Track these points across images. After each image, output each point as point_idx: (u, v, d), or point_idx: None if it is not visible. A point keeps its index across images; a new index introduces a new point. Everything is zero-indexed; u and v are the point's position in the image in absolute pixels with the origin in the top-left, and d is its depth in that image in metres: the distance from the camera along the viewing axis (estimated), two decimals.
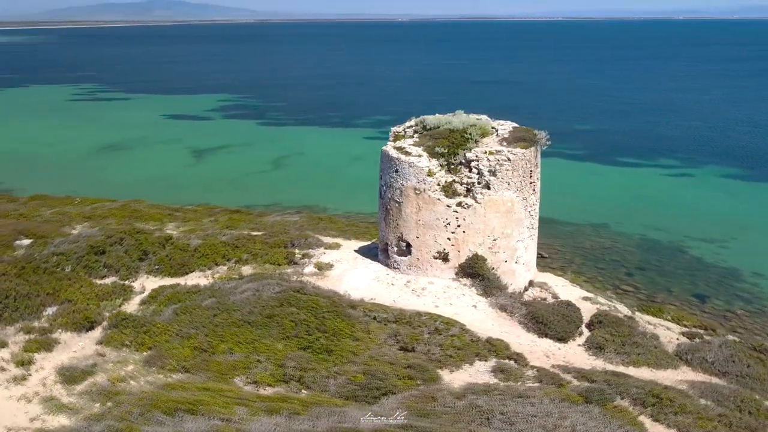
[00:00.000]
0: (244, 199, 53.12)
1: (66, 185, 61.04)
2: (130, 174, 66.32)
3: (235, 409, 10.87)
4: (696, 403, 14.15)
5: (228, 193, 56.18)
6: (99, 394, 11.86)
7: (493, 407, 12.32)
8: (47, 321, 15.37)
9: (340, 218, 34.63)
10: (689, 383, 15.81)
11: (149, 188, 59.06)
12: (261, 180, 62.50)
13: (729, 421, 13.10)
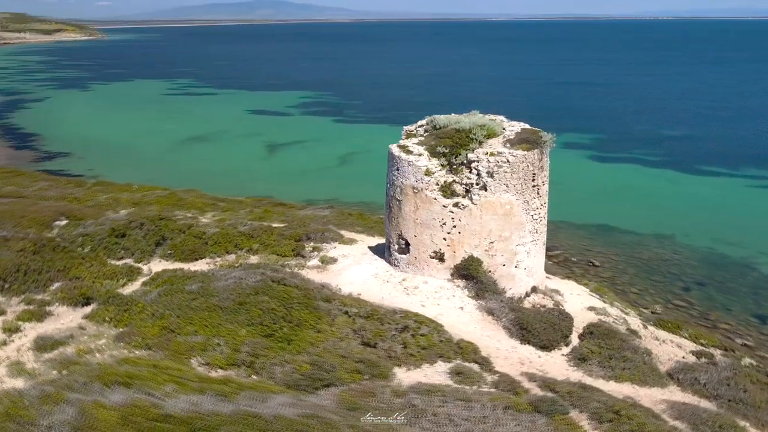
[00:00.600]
0: (306, 193, 54.76)
1: (146, 173, 65.32)
2: (207, 165, 69.98)
3: (167, 386, 11.52)
4: (661, 423, 13.39)
5: (292, 186, 58.10)
6: (61, 362, 12.92)
7: (428, 408, 12.28)
8: (50, 295, 16.81)
9: (374, 215, 34.97)
10: (669, 403, 14.95)
11: (219, 179, 62.10)
12: (325, 175, 64.12)
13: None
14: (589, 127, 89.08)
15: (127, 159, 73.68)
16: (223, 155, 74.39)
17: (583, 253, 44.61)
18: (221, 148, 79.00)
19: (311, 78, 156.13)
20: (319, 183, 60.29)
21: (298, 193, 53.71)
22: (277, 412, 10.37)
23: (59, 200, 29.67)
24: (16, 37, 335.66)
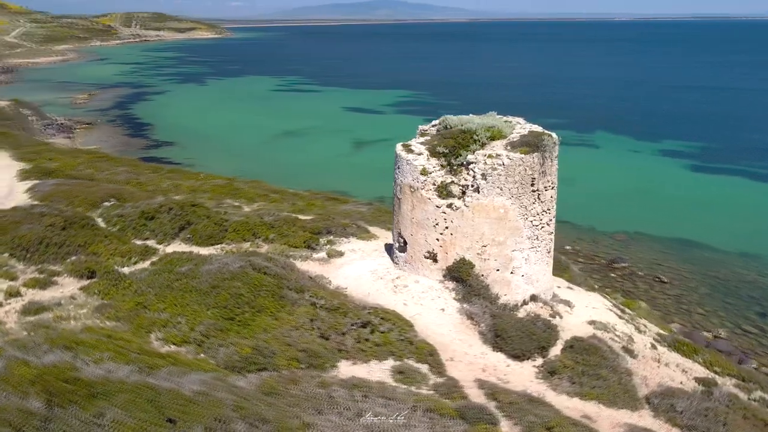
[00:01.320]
0: (376, 190, 55.62)
1: (236, 164, 69.24)
2: (293, 158, 73.00)
3: (104, 354, 12.57)
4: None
5: (364, 182, 59.31)
6: (35, 325, 14.42)
7: (343, 402, 12.47)
8: (63, 266, 18.66)
9: None
10: (630, 427, 14.06)
11: (299, 171, 64.68)
12: None
13: None
14: (695, 134, 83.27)
15: (223, 150, 78.39)
16: (309, 150, 77.11)
17: (652, 268, 42.07)
18: (309, 142, 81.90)
19: (413, 77, 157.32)
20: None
21: (367, 190, 54.80)
22: (175, 387, 11.04)
23: (123, 184, 32.42)
24: (155, 35, 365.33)
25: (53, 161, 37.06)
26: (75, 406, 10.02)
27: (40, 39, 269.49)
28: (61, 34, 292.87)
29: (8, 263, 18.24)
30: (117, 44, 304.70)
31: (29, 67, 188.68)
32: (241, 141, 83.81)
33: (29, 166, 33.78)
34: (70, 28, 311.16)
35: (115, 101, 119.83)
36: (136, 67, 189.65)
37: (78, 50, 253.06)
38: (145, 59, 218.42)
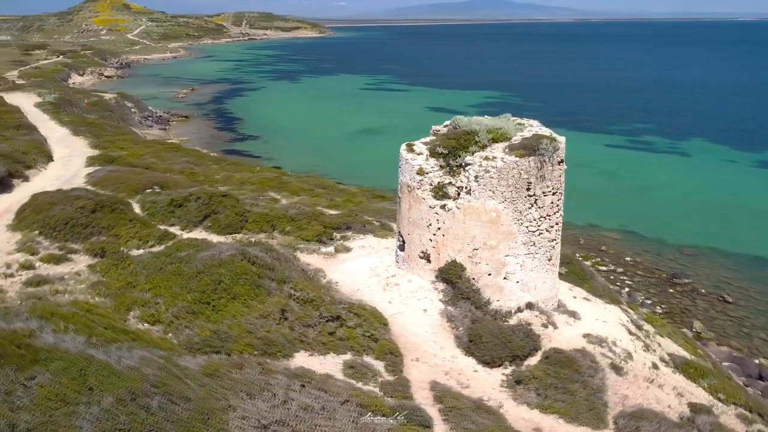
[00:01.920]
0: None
1: (311, 159, 71.21)
2: (366, 155, 74.07)
3: (71, 326, 13.72)
4: None
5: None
6: (30, 296, 15.90)
7: (278, 390, 12.86)
8: (82, 245, 20.33)
9: None
10: None
11: (367, 169, 65.52)
12: None
13: None
14: None
15: (302, 145, 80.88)
16: (383, 147, 77.82)
17: (717, 286, 39.28)
18: (385, 140, 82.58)
19: (505, 78, 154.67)
20: None
21: None
22: (109, 360, 11.89)
23: (177, 173, 34.53)
24: (262, 34, 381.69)
25: (123, 150, 40.09)
26: (14, 367, 11.08)
27: (157, 37, 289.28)
28: (176, 32, 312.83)
29: (35, 239, 20.16)
30: (226, 42, 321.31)
31: (143, 63, 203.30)
32: (321, 137, 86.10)
33: (98, 153, 36.80)
34: (185, 27, 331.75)
35: (212, 96, 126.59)
36: (238, 64, 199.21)
37: (189, 47, 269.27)
38: (248, 57, 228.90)
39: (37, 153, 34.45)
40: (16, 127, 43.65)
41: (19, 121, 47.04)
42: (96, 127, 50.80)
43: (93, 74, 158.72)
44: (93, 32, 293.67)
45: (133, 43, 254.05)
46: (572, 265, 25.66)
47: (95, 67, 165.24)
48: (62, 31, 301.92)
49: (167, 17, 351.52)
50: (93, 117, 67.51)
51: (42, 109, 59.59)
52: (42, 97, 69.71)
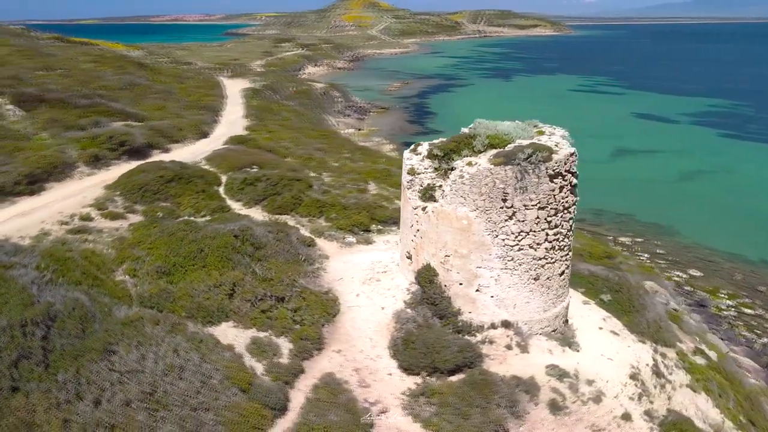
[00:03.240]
0: (607, 202, 52.05)
1: None
2: None
3: (49, 264, 16.94)
4: None
5: (608, 196, 54.84)
6: (58, 240, 19.65)
7: (160, 345, 14.50)
8: (144, 207, 24.07)
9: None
10: None
11: None
12: (659, 191, 58.36)
13: None
14: None
15: None
16: None
17: None
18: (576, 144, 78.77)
19: (745, 87, 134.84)
20: (642, 198, 55.67)
21: (599, 200, 51.53)
22: (33, 292, 14.63)
23: (296, 157, 37.93)
24: (496, 31, 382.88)
25: (269, 132, 44.99)
26: None
27: (396, 33, 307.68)
28: (414, 29, 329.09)
29: (112, 198, 24.46)
30: (458, 39, 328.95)
31: (374, 57, 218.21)
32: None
33: (240, 134, 41.95)
34: (423, 24, 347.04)
35: (419, 90, 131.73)
36: (459, 60, 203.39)
37: (421, 44, 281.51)
38: (472, 54, 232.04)
39: (192, 130, 40.60)
40: (202, 107, 51.45)
41: (209, 103, 55.24)
42: (265, 112, 57.26)
43: (326, 65, 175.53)
44: (341, 28, 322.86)
45: (371, 39, 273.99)
46: (620, 294, 22.95)
47: (329, 60, 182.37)
48: (317, 26, 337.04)
49: (409, 14, 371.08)
50: (290, 104, 75.72)
51: (243, 93, 68.63)
52: (253, 83, 79.99)
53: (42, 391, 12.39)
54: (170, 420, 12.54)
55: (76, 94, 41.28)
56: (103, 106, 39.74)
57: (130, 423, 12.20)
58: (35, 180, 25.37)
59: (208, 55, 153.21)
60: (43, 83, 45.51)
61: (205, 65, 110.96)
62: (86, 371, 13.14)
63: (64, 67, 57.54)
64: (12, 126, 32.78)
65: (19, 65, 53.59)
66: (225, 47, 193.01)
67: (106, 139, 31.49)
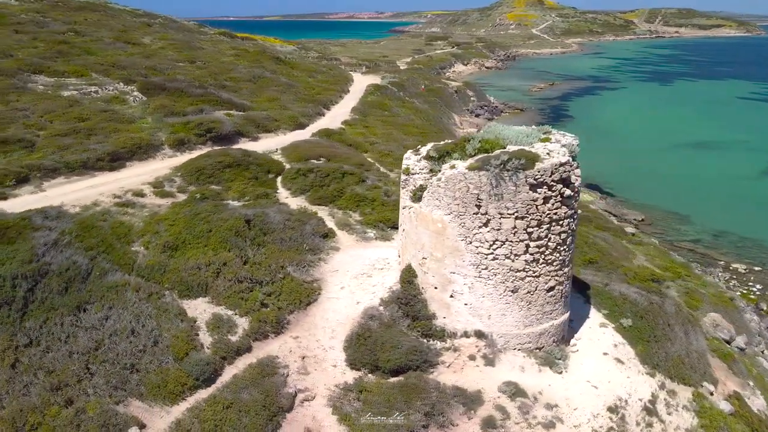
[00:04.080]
0: (753, 230, 47.38)
1: (610, 167, 67.12)
2: (677, 172, 65.76)
3: (72, 229, 19.53)
4: None
5: (744, 217, 49.88)
6: (104, 210, 22.34)
7: (127, 311, 16.22)
8: (195, 188, 26.38)
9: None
10: None
11: (669, 188, 58.37)
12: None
13: None
14: None
15: (615, 150, 75.54)
16: (703, 164, 68.04)
17: None
18: (709, 157, 71.63)
19: None
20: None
21: (730, 220, 47.29)
22: (37, 252, 17.06)
23: (377, 153, 38.87)
24: (672, 32, 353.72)
25: (366, 127, 46.35)
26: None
27: (560, 32, 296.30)
28: (579, 27, 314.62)
29: (171, 178, 27.09)
30: (627, 39, 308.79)
31: (529, 57, 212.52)
32: (641, 144, 79.22)
33: (331, 128, 43.76)
34: (590, 23, 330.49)
35: (564, 92, 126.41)
36: (619, 62, 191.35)
37: (584, 44, 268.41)
38: (635, 55, 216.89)
39: (289, 122, 43.12)
40: (314, 101, 54.30)
41: (325, 97, 58.07)
42: (375, 107, 58.76)
43: (475, 64, 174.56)
44: (503, 26, 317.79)
45: (530, 38, 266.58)
46: (644, 320, 20.96)
47: (479, 58, 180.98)
48: (480, 24, 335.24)
49: (576, 13, 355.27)
50: (413, 101, 76.90)
51: (366, 90, 71.05)
52: (382, 80, 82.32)
53: (8, 333, 14.59)
54: (99, 374, 14.14)
55: (193, 84, 45.75)
56: (213, 95, 43.66)
57: (65, 371, 13.97)
58: (117, 158, 28.90)
59: (360, 52, 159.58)
60: (176, 73, 50.96)
61: (349, 61, 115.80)
62: (51, 323, 15.20)
63: (205, 60, 63.69)
64: (125, 110, 37.38)
65: (164, 57, 60.38)
66: (380, 44, 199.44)
67: (195, 126, 34.77)
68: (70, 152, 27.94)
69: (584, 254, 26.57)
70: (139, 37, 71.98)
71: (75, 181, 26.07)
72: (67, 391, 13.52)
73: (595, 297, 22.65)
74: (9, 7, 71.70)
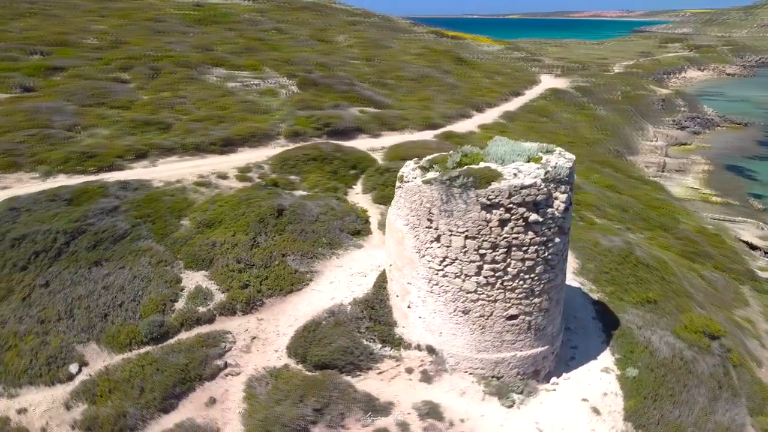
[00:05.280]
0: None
1: None
2: None
3: (145, 207, 23.48)
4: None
5: None
6: (184, 188, 26.10)
7: (131, 272, 19.31)
8: (273, 176, 29.15)
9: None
10: None
11: None
12: None
13: None
14: None
15: None
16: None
17: None
18: None
19: None
20: None
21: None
22: (91, 222, 21.05)
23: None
24: None
25: (503, 132, 45.49)
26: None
27: None
28: None
29: (261, 165, 30.04)
30: None
31: None
32: None
33: (460, 130, 43.71)
34: None
35: None
36: None
37: None
38: None
39: (420, 122, 44.04)
40: (470, 104, 54.56)
41: (485, 100, 57.88)
42: (533, 113, 56.69)
43: (713, 70, 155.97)
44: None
45: None
46: (653, 373, 18.39)
47: (719, 63, 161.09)
48: (741, 25, 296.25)
49: None
50: (597, 108, 72.34)
51: (541, 94, 68.83)
52: (566, 85, 78.74)
53: (34, 274, 18.58)
54: (77, 317, 17.35)
55: (343, 81, 49.36)
56: (355, 92, 46.73)
57: (53, 310, 17.43)
58: (230, 144, 33.07)
59: (575, 53, 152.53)
60: (339, 70, 55.29)
61: (553, 63, 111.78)
62: (67, 271, 18.91)
63: (382, 58, 67.54)
64: (269, 102, 42.09)
65: (343, 54, 65.44)
66: (603, 46, 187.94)
67: (315, 120, 37.95)
68: (192, 136, 32.78)
69: (646, 291, 23.70)
70: (334, 35, 78.47)
71: (184, 161, 30.66)
72: (47, 326, 16.95)
73: (618, 338, 20.43)
74: (234, 7, 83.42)
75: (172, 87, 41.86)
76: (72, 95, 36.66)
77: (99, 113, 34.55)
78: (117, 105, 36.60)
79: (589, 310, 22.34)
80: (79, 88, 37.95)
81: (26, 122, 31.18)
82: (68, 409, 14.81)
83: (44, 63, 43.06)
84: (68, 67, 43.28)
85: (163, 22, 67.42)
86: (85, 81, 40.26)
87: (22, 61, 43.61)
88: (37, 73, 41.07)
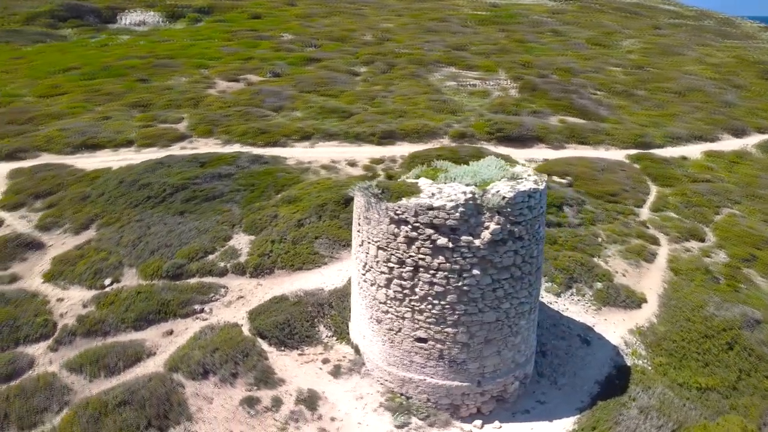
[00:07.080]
0: None
1: None
2: None
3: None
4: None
5: None
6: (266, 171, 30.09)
7: (186, 230, 24.21)
8: (399, 171, 30.86)
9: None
10: None
11: None
12: None
13: None
14: None
15: None
16: None
17: None
18: None
19: None
20: None
21: None
22: (199, 182, 26.71)
23: None
24: None
25: (730, 172, 37.71)
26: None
27: None
28: None
29: (396, 159, 32.15)
30: None
31: None
32: None
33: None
34: None
35: None
36: None
37: None
38: None
39: (626, 139, 39.34)
40: (728, 127, 46.20)
41: (757, 125, 48.10)
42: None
43: None
44: None
45: None
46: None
47: None
48: None
49: None
50: None
51: None
52: None
53: (137, 211, 24.91)
54: (138, 247, 22.91)
55: (562, 88, 47.08)
56: (568, 100, 44.42)
57: (121, 241, 23.29)
58: (389, 137, 35.79)
59: None
60: (586, 77, 52.43)
61: None
62: (157, 217, 24.75)
63: (656, 67, 60.93)
64: (467, 102, 43.33)
65: (606, 60, 61.06)
66: None
67: (490, 124, 38.12)
68: (362, 126, 36.66)
69: (710, 375, 19.08)
70: (621, 39, 73.21)
71: (340, 146, 34.72)
72: (118, 248, 22.88)
73: (598, 410, 17.49)
74: (533, 7, 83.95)
75: (390, 82, 46.31)
76: (299, 82, 44.07)
77: (307, 99, 40.99)
78: (328, 93, 42.63)
79: (602, 372, 19.25)
80: (311, 77, 45.26)
81: (245, 101, 39.29)
82: (84, 307, 20.32)
83: (306, 55, 52.03)
84: (324, 59, 51.41)
85: (446, 22, 72.60)
86: (326, 71, 47.51)
87: (295, 52, 53.41)
88: (297, 62, 50.01)
